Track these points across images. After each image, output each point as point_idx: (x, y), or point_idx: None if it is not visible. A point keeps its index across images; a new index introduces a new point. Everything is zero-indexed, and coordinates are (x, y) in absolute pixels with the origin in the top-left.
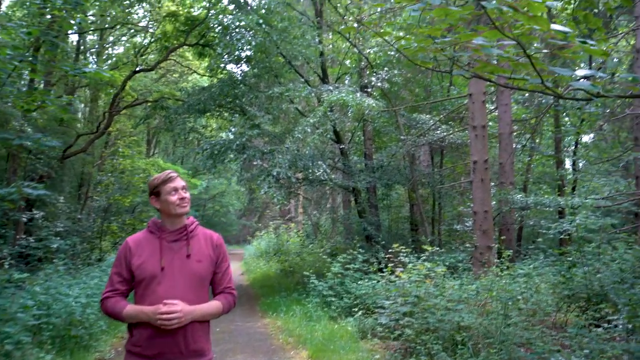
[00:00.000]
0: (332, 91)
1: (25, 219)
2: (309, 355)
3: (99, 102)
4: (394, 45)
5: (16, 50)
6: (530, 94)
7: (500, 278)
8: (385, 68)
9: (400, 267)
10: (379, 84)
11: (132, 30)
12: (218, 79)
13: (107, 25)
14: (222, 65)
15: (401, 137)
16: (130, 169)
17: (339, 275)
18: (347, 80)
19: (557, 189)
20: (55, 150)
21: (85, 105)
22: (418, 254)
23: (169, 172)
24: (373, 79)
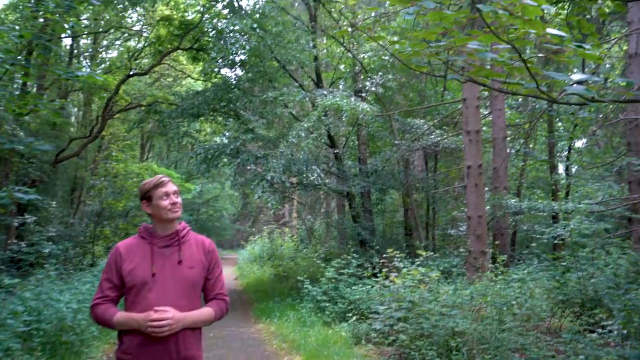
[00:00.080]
0: (326, 95)
1: (16, 224)
2: None
3: (93, 106)
4: (388, 50)
5: (8, 54)
6: (523, 99)
7: (494, 283)
8: (380, 73)
9: (394, 272)
10: (373, 89)
11: (126, 34)
12: (212, 83)
13: (100, 29)
14: (216, 69)
15: (395, 142)
16: (124, 173)
17: (333, 280)
18: (342, 84)
19: (550, 193)
20: (47, 155)
21: (78, 109)
22: (412, 258)
23: (160, 176)
24: (367, 83)
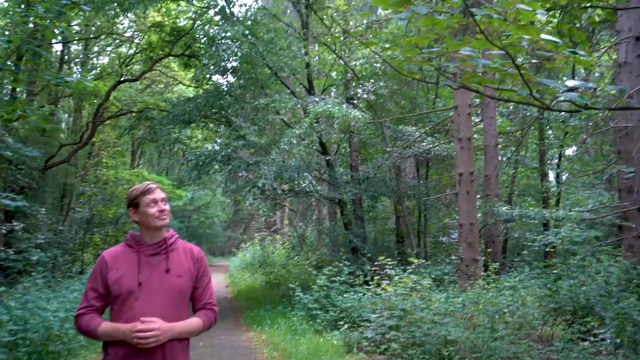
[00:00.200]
0: (318, 102)
1: (4, 231)
2: None
3: (83, 113)
4: (380, 56)
5: None
6: (515, 106)
7: (486, 291)
8: (371, 80)
9: (386, 280)
10: (365, 96)
11: (117, 40)
12: (203, 89)
13: (91, 35)
14: (207, 76)
15: (387, 149)
16: (114, 179)
17: (325, 288)
18: (333, 91)
19: (541, 201)
20: (36, 161)
21: (69, 115)
22: (404, 266)
23: (148, 183)
24: (359, 90)
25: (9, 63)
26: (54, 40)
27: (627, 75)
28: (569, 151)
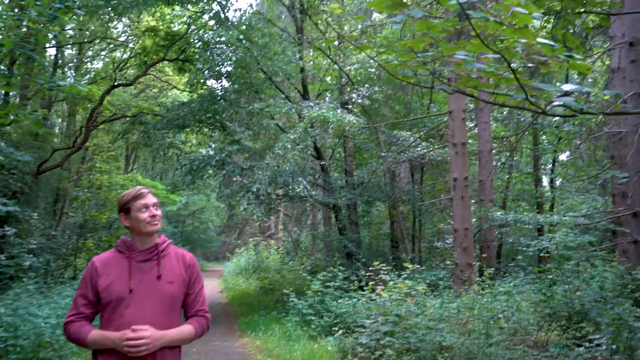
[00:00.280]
0: (312, 107)
1: None
2: None
3: (77, 117)
4: (375, 60)
5: None
6: (509, 111)
7: (481, 296)
8: (366, 85)
9: (381, 285)
10: (359, 101)
11: (112, 45)
12: (198, 94)
13: (85, 39)
14: (202, 80)
15: (382, 154)
16: (108, 184)
17: (319, 294)
18: (328, 96)
19: (535, 206)
20: (29, 165)
21: (62, 119)
22: (399, 271)
23: (139, 188)
24: (354, 95)
25: (2, 67)
26: (47, 45)
27: (620, 80)
28: (563, 156)
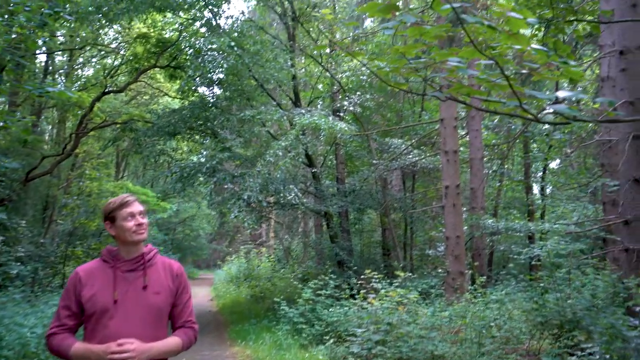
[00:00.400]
0: (304, 114)
1: None
2: None
3: (67, 124)
4: (367, 67)
5: None
6: (500, 119)
7: (473, 305)
8: (358, 92)
9: (372, 294)
10: (351, 108)
11: (103, 52)
12: (189, 101)
13: (76, 46)
14: (193, 87)
15: (373, 162)
16: (98, 191)
17: (310, 302)
18: (320, 104)
19: (527, 214)
20: (17, 173)
21: (52, 126)
22: (390, 279)
23: (125, 195)
24: (345, 103)
25: None
26: (37, 51)
27: (610, 89)
28: (553, 164)
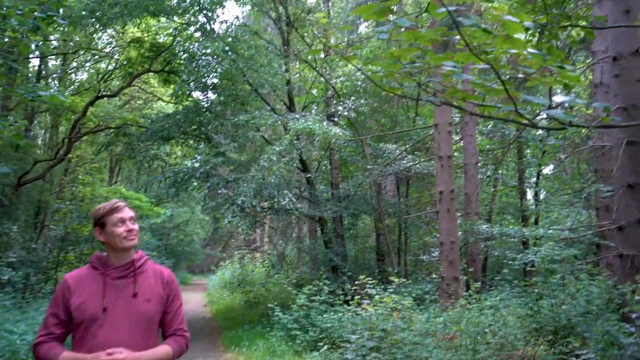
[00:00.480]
0: (298, 119)
1: None
2: None
3: (60, 128)
4: (362, 71)
5: None
6: (494, 125)
7: (468, 311)
8: (352, 97)
9: (366, 299)
10: (345, 113)
11: (97, 56)
12: (183, 106)
13: (69, 50)
14: (187, 92)
15: (367, 167)
16: (91, 197)
17: (304, 308)
18: (314, 109)
19: (521, 219)
20: (9, 177)
21: (45, 131)
22: (385, 285)
23: (115, 201)
24: (340, 108)
25: None
26: (30, 55)
27: (603, 95)
28: (547, 170)
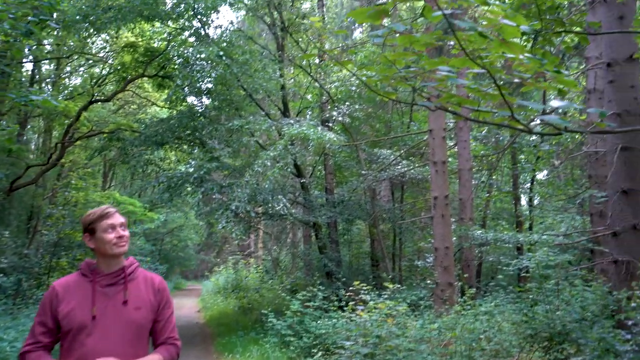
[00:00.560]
0: (293, 125)
1: None
2: None
3: (53, 133)
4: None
5: None
6: (488, 130)
7: (463, 317)
8: (347, 103)
9: (361, 305)
10: (340, 119)
11: (90, 60)
12: (177, 111)
13: (63, 54)
14: (181, 97)
15: (362, 172)
16: (84, 202)
17: (299, 314)
18: (309, 114)
19: (515, 225)
20: (1, 182)
21: (38, 135)
22: (379, 291)
23: (106, 207)
24: (334, 113)
25: None
26: (23, 59)
27: (596, 101)
28: (541, 175)
